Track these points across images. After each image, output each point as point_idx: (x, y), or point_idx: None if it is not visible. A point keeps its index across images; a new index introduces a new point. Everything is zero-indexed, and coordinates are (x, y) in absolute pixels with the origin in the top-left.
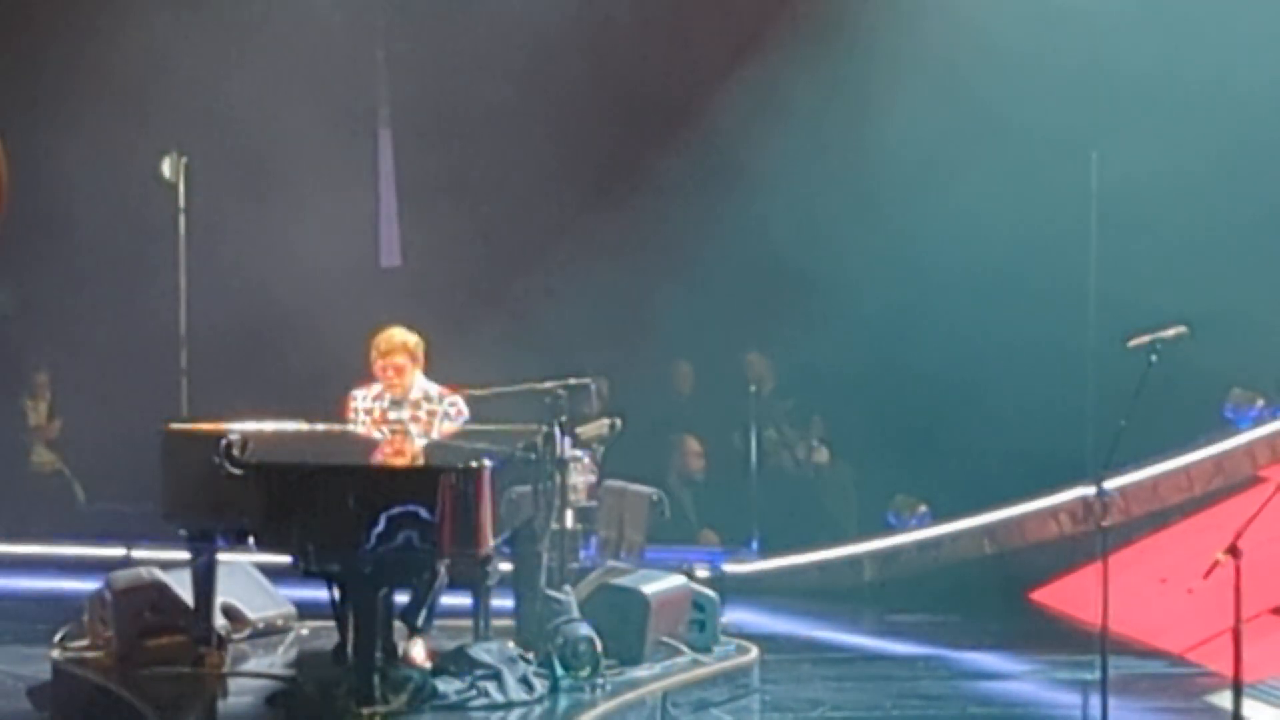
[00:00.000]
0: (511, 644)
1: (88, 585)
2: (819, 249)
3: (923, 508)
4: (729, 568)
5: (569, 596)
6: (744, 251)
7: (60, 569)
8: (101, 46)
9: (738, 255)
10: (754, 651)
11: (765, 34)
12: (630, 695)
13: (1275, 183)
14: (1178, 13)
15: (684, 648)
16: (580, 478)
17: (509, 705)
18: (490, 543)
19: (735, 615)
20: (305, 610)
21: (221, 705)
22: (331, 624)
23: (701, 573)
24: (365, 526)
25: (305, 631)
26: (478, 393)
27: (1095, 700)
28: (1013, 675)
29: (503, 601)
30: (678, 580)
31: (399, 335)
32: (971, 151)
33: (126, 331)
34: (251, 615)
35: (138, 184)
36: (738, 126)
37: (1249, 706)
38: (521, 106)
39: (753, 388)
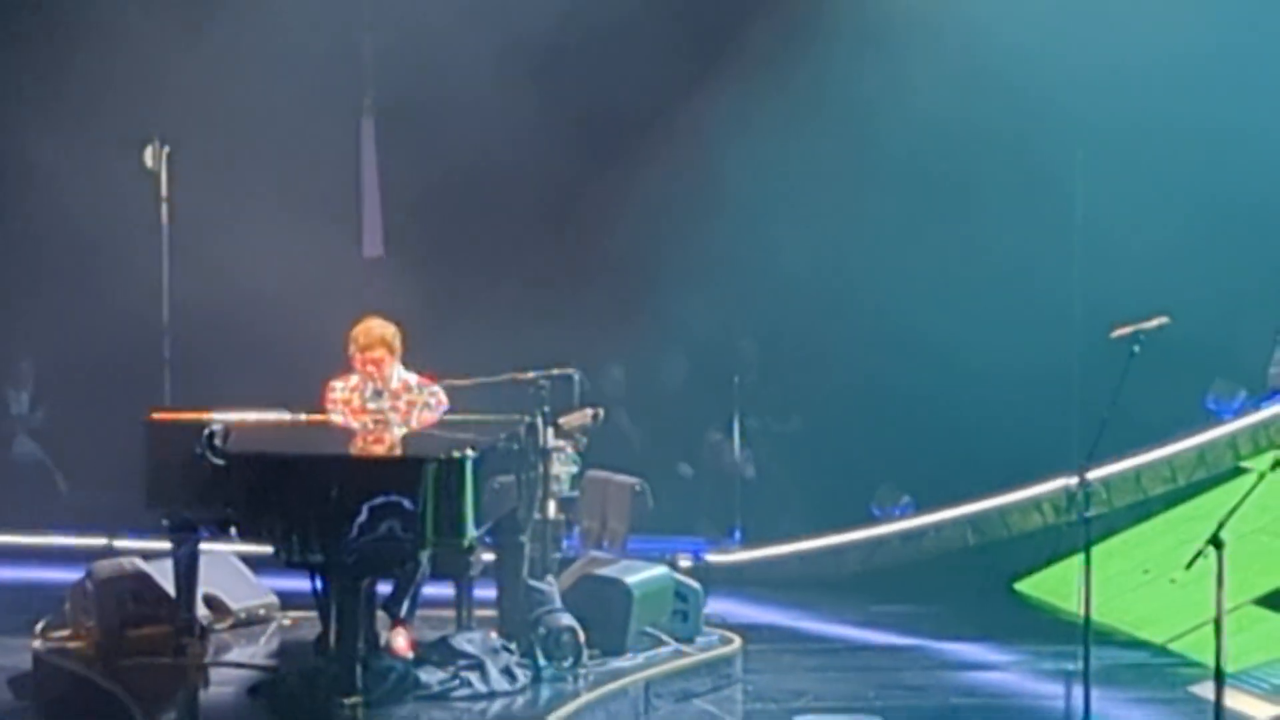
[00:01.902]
0: (494, 634)
1: (69, 575)
2: (807, 251)
3: (906, 498)
4: (712, 558)
5: (551, 587)
6: (736, 251)
7: (42, 559)
8: (83, 35)
9: (728, 254)
10: (737, 642)
11: (741, 49)
12: (613, 685)
13: (1258, 175)
14: (1160, 13)
15: (667, 638)
16: (563, 468)
17: (491, 695)
18: (473, 533)
19: (718, 605)
20: (287, 600)
21: (203, 695)
22: (314, 614)
23: (685, 563)
24: (348, 517)
25: (287, 622)
26: (459, 383)
27: (1078, 690)
28: (996, 666)
29: (485, 592)
30: (661, 570)
31: (377, 329)
32: (956, 152)
33: (109, 320)
34: (234, 605)
35: (119, 172)
36: (718, 137)
37: (1231, 696)
38: (504, 102)
39: (736, 379)
